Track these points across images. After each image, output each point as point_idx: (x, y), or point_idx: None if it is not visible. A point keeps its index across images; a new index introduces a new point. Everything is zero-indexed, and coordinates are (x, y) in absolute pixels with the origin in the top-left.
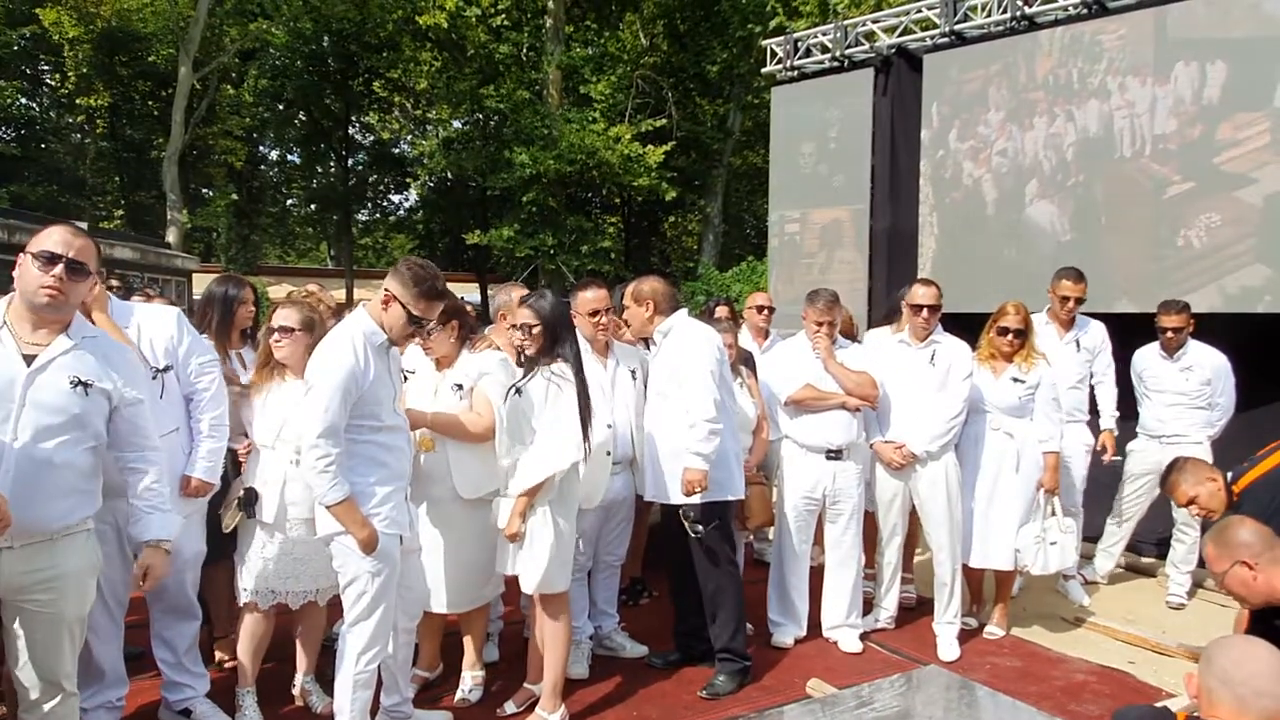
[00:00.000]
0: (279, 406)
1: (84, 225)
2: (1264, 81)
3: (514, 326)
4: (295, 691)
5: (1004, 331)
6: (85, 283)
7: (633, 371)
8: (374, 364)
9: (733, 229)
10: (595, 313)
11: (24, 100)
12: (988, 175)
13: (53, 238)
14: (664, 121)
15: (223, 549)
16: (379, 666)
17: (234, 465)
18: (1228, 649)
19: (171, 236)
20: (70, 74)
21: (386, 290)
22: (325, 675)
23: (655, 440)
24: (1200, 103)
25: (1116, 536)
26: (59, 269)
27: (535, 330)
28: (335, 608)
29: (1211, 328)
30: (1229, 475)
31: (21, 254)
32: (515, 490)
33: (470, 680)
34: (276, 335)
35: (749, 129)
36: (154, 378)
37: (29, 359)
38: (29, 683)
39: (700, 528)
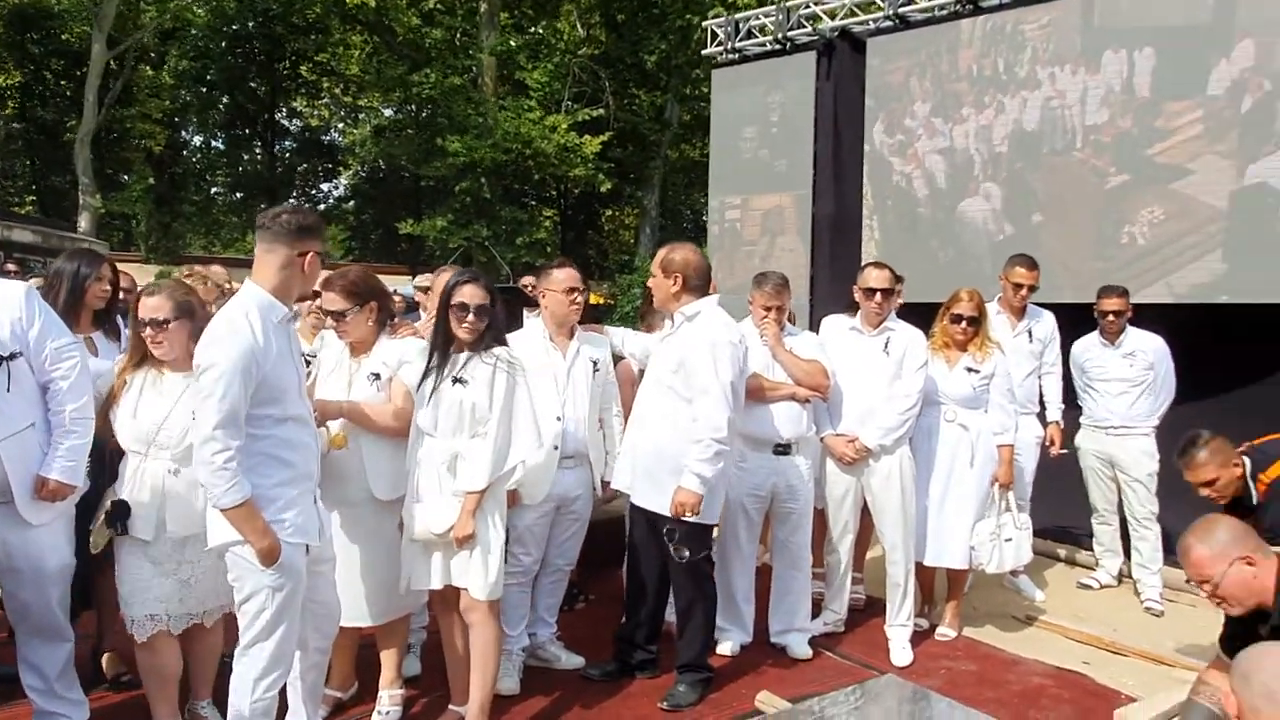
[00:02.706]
0: (152, 406)
1: None
2: (1194, 69)
3: (462, 306)
4: None
5: (958, 319)
6: None
7: (594, 362)
8: (275, 342)
9: (670, 222)
10: (572, 290)
11: None
12: (918, 170)
13: None
14: (601, 111)
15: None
16: (282, 690)
17: (109, 470)
18: (1263, 662)
19: (84, 222)
20: None
21: (291, 252)
22: (223, 700)
23: (642, 432)
24: (1131, 92)
25: (1108, 532)
26: None
27: (491, 309)
28: (234, 622)
29: (1148, 315)
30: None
31: None
32: (470, 486)
33: (388, 700)
34: (149, 331)
35: (687, 122)
36: None
37: None
38: None
39: (686, 553)
